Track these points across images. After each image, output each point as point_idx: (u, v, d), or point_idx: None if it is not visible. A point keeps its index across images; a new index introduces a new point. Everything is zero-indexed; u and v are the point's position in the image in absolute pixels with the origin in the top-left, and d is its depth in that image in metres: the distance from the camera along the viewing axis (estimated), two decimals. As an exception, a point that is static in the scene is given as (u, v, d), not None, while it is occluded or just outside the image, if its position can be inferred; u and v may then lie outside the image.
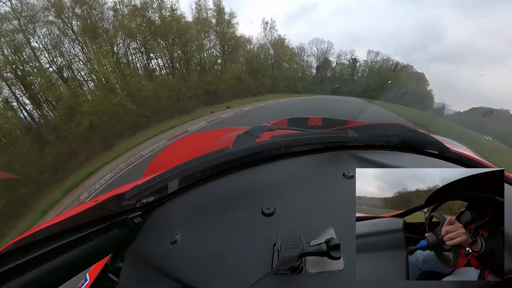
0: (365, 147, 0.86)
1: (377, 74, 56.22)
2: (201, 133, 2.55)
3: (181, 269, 0.48)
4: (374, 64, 58.00)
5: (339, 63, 54.66)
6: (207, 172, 0.72)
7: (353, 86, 53.56)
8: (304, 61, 49.13)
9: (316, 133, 0.86)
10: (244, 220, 0.55)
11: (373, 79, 55.64)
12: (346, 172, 0.66)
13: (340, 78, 53.90)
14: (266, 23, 39.96)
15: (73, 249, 0.53)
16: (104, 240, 0.59)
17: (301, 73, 47.27)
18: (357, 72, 57.42)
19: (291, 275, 0.42)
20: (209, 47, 31.87)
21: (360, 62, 57.49)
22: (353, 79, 55.71)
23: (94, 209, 0.65)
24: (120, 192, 0.65)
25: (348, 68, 55.72)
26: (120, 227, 0.62)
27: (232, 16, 33.10)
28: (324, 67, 52.74)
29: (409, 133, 0.88)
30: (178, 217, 0.62)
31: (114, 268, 0.71)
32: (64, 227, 0.53)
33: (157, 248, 0.54)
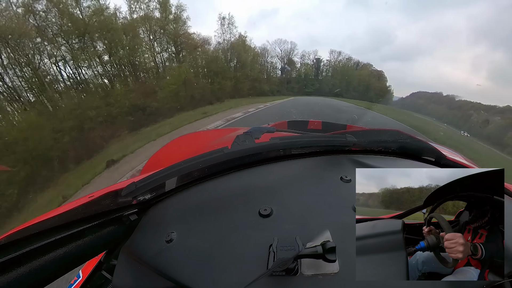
0: (363, 152, 0.87)
1: (341, 73, 56.98)
2: (200, 132, 2.55)
3: (176, 268, 0.48)
4: (338, 64, 58.43)
5: (303, 63, 54.43)
6: (205, 171, 0.72)
7: (319, 86, 53.80)
8: (268, 62, 47.99)
9: (315, 136, 0.86)
10: (241, 220, 0.55)
11: (338, 78, 56.53)
12: (344, 176, 0.67)
13: (306, 79, 54.09)
14: (223, 19, 35.99)
15: (66, 245, 0.52)
16: (99, 236, 0.58)
17: (266, 74, 45.74)
18: (322, 72, 57.55)
19: (286, 276, 0.42)
20: (158, 50, 26.51)
21: (324, 62, 57.44)
22: (318, 79, 55.92)
23: (89, 205, 0.64)
24: (117, 189, 0.64)
25: (312, 68, 55.83)
26: (115, 224, 0.62)
27: (180, 9, 27.46)
28: (289, 68, 52.38)
29: (407, 140, 0.89)
30: (175, 216, 0.62)
31: (108, 266, 0.70)
32: (58, 222, 0.52)
33: (152, 246, 0.54)
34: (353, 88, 57.29)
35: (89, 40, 20.32)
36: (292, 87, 49.93)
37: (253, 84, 37.62)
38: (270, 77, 46.22)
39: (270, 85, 43.65)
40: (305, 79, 53.99)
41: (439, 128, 30.17)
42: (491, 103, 49.91)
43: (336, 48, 67.45)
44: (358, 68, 60.27)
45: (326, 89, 53.45)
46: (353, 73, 58.41)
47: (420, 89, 71.46)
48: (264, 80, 43.09)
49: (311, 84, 53.85)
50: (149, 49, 25.55)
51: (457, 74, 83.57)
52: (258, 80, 40.20)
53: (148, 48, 25.48)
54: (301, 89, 50.90)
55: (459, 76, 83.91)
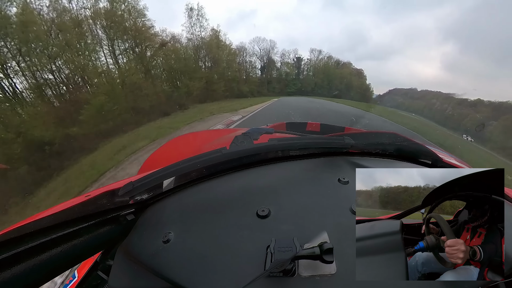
0: (360, 154, 0.88)
1: (323, 72, 55.74)
2: (199, 132, 2.55)
3: (173, 269, 0.47)
4: (319, 62, 57.03)
5: (284, 62, 52.79)
6: (203, 171, 0.72)
7: (301, 85, 52.72)
8: (247, 61, 45.55)
9: (314, 138, 0.86)
10: (239, 221, 0.54)
11: (320, 77, 55.44)
12: (341, 177, 0.67)
13: (287, 78, 52.69)
14: (191, 10, 30.23)
15: (62, 244, 0.52)
16: (95, 236, 0.58)
17: (245, 74, 43.14)
18: (303, 71, 56.36)
19: (283, 277, 0.42)
20: (110, 50, 19.95)
21: (305, 60, 56.04)
22: (299, 78, 54.86)
23: (86, 204, 0.64)
24: (114, 188, 0.64)
25: (293, 68, 54.54)
26: (112, 223, 0.61)
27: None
28: (269, 67, 50.49)
29: (404, 142, 0.90)
30: (172, 216, 0.61)
31: (104, 266, 0.70)
32: (53, 222, 0.51)
33: (149, 247, 0.54)
34: (335, 86, 56.27)
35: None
36: (273, 87, 48.47)
37: (230, 85, 33.73)
38: (249, 77, 43.90)
39: (250, 86, 41.09)
40: (287, 79, 52.82)
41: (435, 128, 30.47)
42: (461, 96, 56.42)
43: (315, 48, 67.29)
44: (339, 67, 59.44)
45: (308, 88, 52.66)
46: (334, 72, 57.46)
47: (395, 86, 73.30)
48: (243, 81, 40.38)
49: (293, 83, 52.75)
50: (93, 50, 18.96)
51: (428, 71, 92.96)
52: (236, 80, 36.61)
53: (92, 49, 18.83)
54: (283, 89, 49.68)
55: (429, 72, 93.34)
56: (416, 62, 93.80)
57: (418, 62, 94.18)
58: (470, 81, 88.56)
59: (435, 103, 51.15)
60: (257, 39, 49.55)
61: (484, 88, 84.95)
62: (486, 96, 55.04)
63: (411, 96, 62.05)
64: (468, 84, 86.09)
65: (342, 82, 57.94)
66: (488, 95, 50.97)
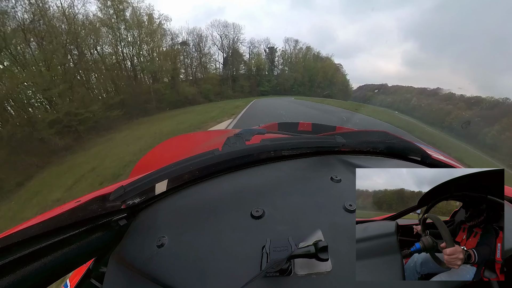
0: (352, 152, 0.89)
1: (304, 66, 46.77)
2: (191, 134, 2.53)
3: (168, 273, 0.47)
4: (297, 54, 47.57)
5: (253, 53, 41.75)
6: (196, 174, 0.71)
7: (276, 82, 43.57)
8: (204, 53, 33.73)
9: (306, 137, 0.87)
10: (233, 223, 0.54)
11: (299, 72, 46.19)
12: (334, 176, 0.68)
13: (259, 74, 42.88)
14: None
15: (53, 253, 0.50)
16: (87, 243, 0.56)
17: (201, 70, 32.43)
18: (277, 65, 46.62)
19: (280, 277, 0.42)
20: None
21: (279, 52, 46.00)
22: (274, 73, 45.54)
23: (76, 211, 0.62)
24: (104, 193, 0.63)
25: (266, 61, 44.47)
26: (104, 229, 0.60)
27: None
28: (235, 60, 39.52)
29: (393, 140, 0.92)
30: (166, 220, 0.60)
31: (97, 273, 0.68)
32: (43, 230, 0.50)
33: (143, 252, 0.53)
34: (318, 83, 47.92)
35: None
36: (241, 86, 38.69)
37: (163, 92, 22.29)
38: (208, 74, 33.39)
39: (205, 85, 31.16)
40: (258, 75, 42.13)
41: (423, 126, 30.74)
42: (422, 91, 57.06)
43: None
44: (320, 60, 50.18)
45: (286, 86, 43.81)
46: (316, 66, 48.03)
47: (361, 83, 75.26)
48: (192, 81, 28.36)
49: (267, 80, 42.94)
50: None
51: (390, 67, 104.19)
52: (176, 81, 24.80)
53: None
54: (254, 88, 40.09)
55: (391, 68, 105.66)
56: (379, 59, 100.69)
57: (381, 59, 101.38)
58: (428, 75, 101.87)
59: (410, 98, 52.01)
60: (215, 22, 36.13)
61: (441, 80, 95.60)
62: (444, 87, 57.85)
63: (383, 92, 62.68)
64: (426, 78, 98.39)
65: (325, 78, 50.03)
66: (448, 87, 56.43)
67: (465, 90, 52.67)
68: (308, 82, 47.88)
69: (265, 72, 44.87)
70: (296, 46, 47.72)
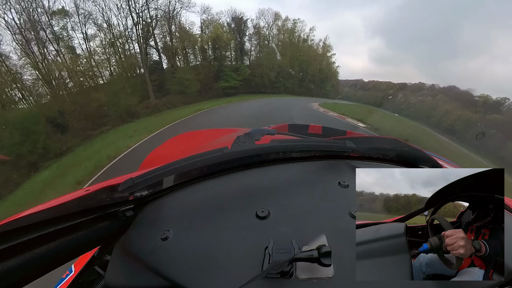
0: (361, 158, 0.88)
1: (291, 50, 30.19)
2: (201, 131, 2.55)
3: (170, 267, 0.47)
4: (280, 31, 29.51)
5: (209, 23, 23.18)
6: (204, 170, 0.71)
7: (248, 75, 25.87)
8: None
9: (315, 140, 0.87)
10: (238, 221, 0.54)
11: (287, 57, 29.48)
12: (341, 181, 0.67)
13: (218, 58, 24.43)
14: None
15: (60, 238, 0.51)
16: (93, 231, 0.57)
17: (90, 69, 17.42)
18: (250, 50, 27.93)
19: (281, 279, 0.42)
20: None
21: (252, 26, 27.70)
22: (245, 60, 27.62)
23: (85, 199, 0.64)
24: (114, 184, 0.64)
25: (232, 35, 25.81)
26: (110, 219, 0.61)
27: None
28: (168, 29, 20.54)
29: (404, 148, 0.90)
30: (171, 214, 0.61)
31: (101, 261, 0.70)
32: (52, 215, 0.51)
33: (147, 244, 0.54)
34: (309, 79, 34.87)
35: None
36: (179, 83, 21.00)
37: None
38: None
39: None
40: (220, 64, 24.84)
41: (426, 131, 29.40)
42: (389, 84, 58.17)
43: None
44: (309, 40, 34.99)
45: (266, 80, 27.16)
46: (307, 53, 32.52)
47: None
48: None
49: (233, 69, 24.77)
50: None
51: (357, 63, 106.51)
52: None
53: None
54: (208, 84, 22.95)
55: (358, 65, 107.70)
56: (347, 56, 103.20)
57: (348, 56, 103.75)
58: (393, 71, 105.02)
59: (393, 94, 51.07)
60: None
61: (406, 75, 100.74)
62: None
63: (361, 87, 62.17)
64: (392, 73, 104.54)
65: (321, 70, 36.69)
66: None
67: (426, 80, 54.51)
68: (300, 74, 33.10)
69: (232, 61, 26.43)
70: (277, 21, 29.69)
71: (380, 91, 56.55)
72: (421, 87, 49.74)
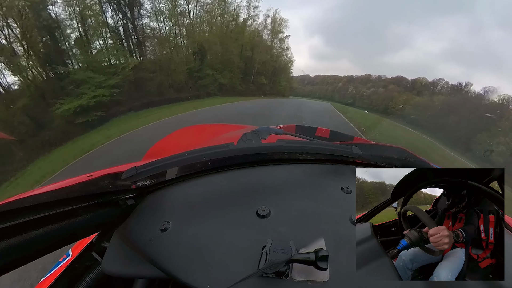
0: (367, 165, 0.86)
1: (225, 33, 22.02)
2: (208, 125, 2.54)
3: (167, 258, 0.47)
4: (206, 9, 21.79)
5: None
6: (207, 165, 0.71)
7: (135, 74, 17.12)
8: None
9: (322, 143, 0.85)
10: (238, 218, 0.54)
11: (220, 44, 21.42)
12: (345, 186, 0.66)
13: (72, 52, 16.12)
14: None
15: (59, 222, 0.52)
16: (93, 217, 0.58)
17: None
18: (142, 29, 19.41)
19: (276, 279, 0.41)
20: None
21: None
22: (139, 49, 19.41)
23: (87, 184, 0.64)
24: (117, 171, 0.64)
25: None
26: (111, 206, 0.61)
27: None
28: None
29: (411, 159, 0.88)
30: (172, 206, 0.61)
31: (98, 247, 0.71)
32: (53, 198, 0.51)
33: (146, 233, 0.54)
34: (257, 71, 27.29)
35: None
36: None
37: None
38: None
39: None
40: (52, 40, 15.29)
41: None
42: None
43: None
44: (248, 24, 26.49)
45: (179, 78, 18.99)
46: (252, 38, 25.12)
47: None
48: None
49: (108, 69, 15.71)
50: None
51: (300, 61, 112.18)
52: None
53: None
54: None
55: (300, 61, 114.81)
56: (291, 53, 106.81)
57: (293, 53, 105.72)
58: (333, 66, 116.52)
59: (343, 87, 53.32)
60: None
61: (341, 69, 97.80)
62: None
63: (309, 82, 63.52)
64: (332, 68, 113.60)
65: (271, 62, 28.89)
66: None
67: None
68: (242, 63, 23.68)
69: (114, 50, 18.09)
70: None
71: (328, 84, 59.05)
72: (368, 79, 52.20)
